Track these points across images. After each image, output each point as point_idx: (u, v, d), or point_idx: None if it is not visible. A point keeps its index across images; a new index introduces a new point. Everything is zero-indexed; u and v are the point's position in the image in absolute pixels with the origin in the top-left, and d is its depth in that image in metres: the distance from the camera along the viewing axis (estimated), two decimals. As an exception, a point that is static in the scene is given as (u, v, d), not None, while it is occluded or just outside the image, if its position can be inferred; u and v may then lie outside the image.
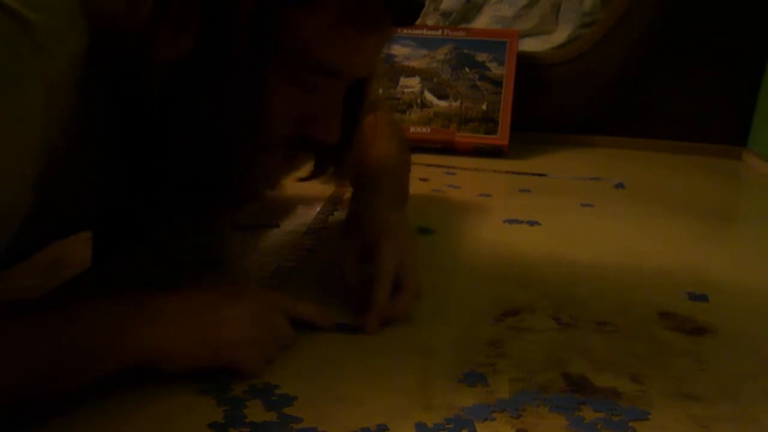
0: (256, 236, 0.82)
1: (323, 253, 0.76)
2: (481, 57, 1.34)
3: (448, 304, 0.64)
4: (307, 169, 0.65)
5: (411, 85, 1.34)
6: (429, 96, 1.32)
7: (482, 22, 1.76)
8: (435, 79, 1.34)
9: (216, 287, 0.53)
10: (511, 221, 0.88)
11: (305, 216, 0.88)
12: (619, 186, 1.08)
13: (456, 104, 1.31)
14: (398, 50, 1.37)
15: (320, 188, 1.00)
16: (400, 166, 0.76)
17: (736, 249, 0.86)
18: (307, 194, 0.99)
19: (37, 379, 0.43)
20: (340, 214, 0.89)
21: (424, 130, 1.30)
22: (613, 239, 0.84)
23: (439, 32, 1.38)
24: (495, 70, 1.32)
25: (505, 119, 1.28)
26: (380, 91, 1.33)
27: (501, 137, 1.27)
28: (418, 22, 1.96)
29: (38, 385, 0.43)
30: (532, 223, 0.88)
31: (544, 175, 1.15)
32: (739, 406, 0.48)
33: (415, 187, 1.06)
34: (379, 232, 0.61)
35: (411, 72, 1.35)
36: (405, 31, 1.39)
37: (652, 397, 0.48)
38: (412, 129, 1.30)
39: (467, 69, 1.33)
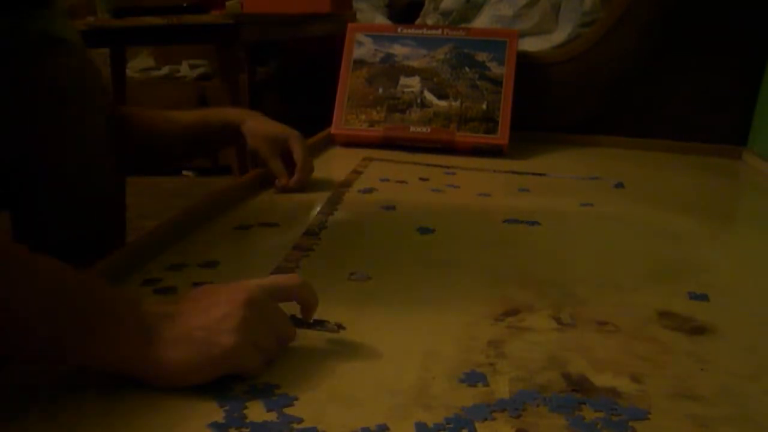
0: (256, 236, 0.82)
1: (323, 254, 0.76)
2: (481, 57, 1.34)
3: (448, 304, 0.64)
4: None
5: (411, 84, 1.34)
6: (429, 96, 1.32)
7: (482, 21, 1.77)
8: (435, 79, 1.34)
9: (208, 293, 0.51)
10: (511, 221, 0.88)
11: (305, 216, 0.88)
12: (619, 186, 1.08)
13: (456, 104, 1.31)
14: (398, 50, 1.37)
15: (320, 188, 1.01)
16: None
17: (737, 249, 0.86)
18: (307, 194, 1.00)
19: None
20: (340, 215, 0.90)
21: (424, 130, 1.30)
22: (613, 239, 0.84)
23: (439, 32, 1.38)
24: (495, 69, 1.32)
25: (505, 119, 1.28)
26: (380, 90, 1.34)
27: (501, 137, 1.27)
28: (418, 21, 1.96)
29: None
30: (532, 223, 0.87)
31: (544, 174, 1.15)
32: (739, 406, 0.48)
33: (416, 187, 1.06)
34: (286, 135, 0.98)
35: (411, 72, 1.35)
36: (405, 30, 1.40)
37: (652, 397, 0.48)
38: (412, 129, 1.30)
39: (467, 69, 1.33)
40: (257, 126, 0.96)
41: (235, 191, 0.95)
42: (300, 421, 0.44)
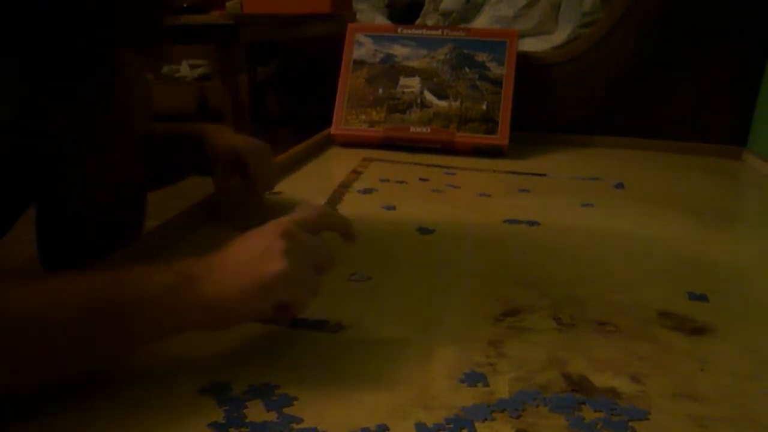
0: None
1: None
2: (481, 57, 1.34)
3: (448, 303, 0.64)
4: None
5: (411, 85, 1.34)
6: (429, 96, 1.32)
7: (482, 22, 1.77)
8: (435, 79, 1.34)
9: (243, 239, 0.52)
10: (511, 221, 0.88)
11: (305, 216, 0.88)
12: (619, 186, 1.08)
13: (456, 104, 1.31)
14: (398, 50, 1.37)
15: (320, 188, 1.01)
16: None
17: (736, 249, 0.86)
18: (307, 195, 0.99)
19: (85, 340, 0.44)
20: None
21: (424, 130, 1.30)
22: (613, 239, 0.84)
23: (439, 32, 1.38)
24: (495, 70, 1.32)
25: (505, 119, 1.28)
26: (380, 90, 1.34)
27: (501, 137, 1.27)
28: (418, 22, 1.96)
29: (88, 346, 0.44)
30: (532, 223, 0.88)
31: (544, 175, 1.15)
32: (739, 406, 0.48)
33: (416, 187, 1.06)
34: (238, 149, 0.84)
35: (411, 72, 1.35)
36: (405, 31, 1.40)
37: (652, 397, 0.48)
38: (412, 129, 1.30)
39: (467, 69, 1.33)
40: (217, 140, 0.84)
41: (235, 191, 0.94)
42: (300, 421, 0.44)
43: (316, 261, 0.53)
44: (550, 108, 1.44)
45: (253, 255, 0.49)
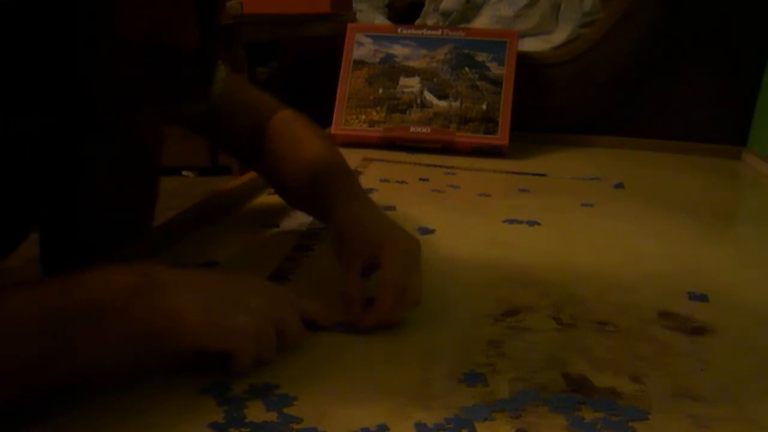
0: (256, 236, 0.82)
1: (323, 254, 0.76)
2: (481, 57, 1.34)
3: (448, 304, 0.64)
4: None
5: (411, 85, 1.34)
6: (429, 96, 1.32)
7: (482, 22, 1.77)
8: (435, 79, 1.34)
9: (230, 273, 0.52)
10: (511, 221, 0.88)
11: (305, 216, 0.88)
12: (619, 186, 1.08)
13: (456, 104, 1.31)
14: (398, 50, 1.37)
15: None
16: (345, 163, 0.73)
17: (736, 249, 0.86)
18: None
19: (40, 357, 0.41)
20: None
21: (424, 130, 1.30)
22: (613, 239, 0.84)
23: (439, 32, 1.38)
24: (495, 70, 1.32)
25: (505, 119, 1.28)
26: (380, 90, 1.34)
27: (501, 137, 1.27)
28: (418, 22, 1.96)
29: (42, 363, 0.41)
30: (532, 223, 0.88)
31: (544, 175, 1.15)
32: (739, 406, 0.48)
33: (416, 187, 1.06)
34: (380, 241, 0.58)
35: (411, 72, 1.35)
36: (405, 31, 1.40)
37: (652, 397, 0.48)
38: (412, 129, 1.30)
39: (467, 69, 1.33)
40: (348, 219, 0.62)
41: (235, 191, 0.95)
42: (300, 421, 0.44)
43: (281, 335, 0.50)
44: (550, 108, 1.44)
45: (227, 296, 0.48)
